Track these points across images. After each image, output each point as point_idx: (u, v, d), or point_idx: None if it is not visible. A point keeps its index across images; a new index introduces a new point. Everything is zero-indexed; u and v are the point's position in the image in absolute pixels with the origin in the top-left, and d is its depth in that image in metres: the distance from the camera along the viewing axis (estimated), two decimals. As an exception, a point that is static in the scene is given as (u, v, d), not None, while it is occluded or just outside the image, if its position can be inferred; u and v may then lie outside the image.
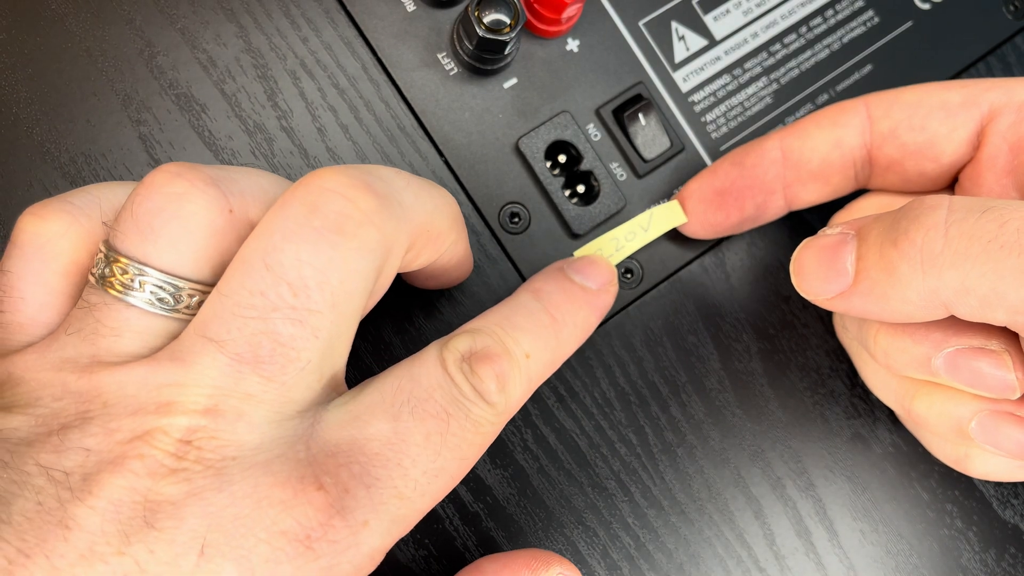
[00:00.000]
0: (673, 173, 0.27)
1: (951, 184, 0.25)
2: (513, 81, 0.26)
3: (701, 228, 0.26)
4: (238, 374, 0.16)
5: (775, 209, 0.25)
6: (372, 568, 0.17)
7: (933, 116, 0.24)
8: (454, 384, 0.18)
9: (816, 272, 0.22)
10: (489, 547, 0.25)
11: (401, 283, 0.25)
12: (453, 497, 0.25)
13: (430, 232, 0.20)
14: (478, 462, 0.25)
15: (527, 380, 0.20)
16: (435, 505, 0.18)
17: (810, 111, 0.28)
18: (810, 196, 0.25)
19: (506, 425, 0.25)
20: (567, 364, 0.26)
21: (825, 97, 0.29)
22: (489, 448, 0.25)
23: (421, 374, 0.18)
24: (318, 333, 0.17)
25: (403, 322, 0.25)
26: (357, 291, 0.17)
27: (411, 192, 0.19)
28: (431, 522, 0.25)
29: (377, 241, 0.17)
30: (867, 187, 0.26)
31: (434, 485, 0.18)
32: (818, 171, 0.25)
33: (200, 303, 0.17)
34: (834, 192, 0.25)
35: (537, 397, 0.26)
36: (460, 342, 0.19)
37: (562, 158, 0.27)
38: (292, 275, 0.16)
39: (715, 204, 0.25)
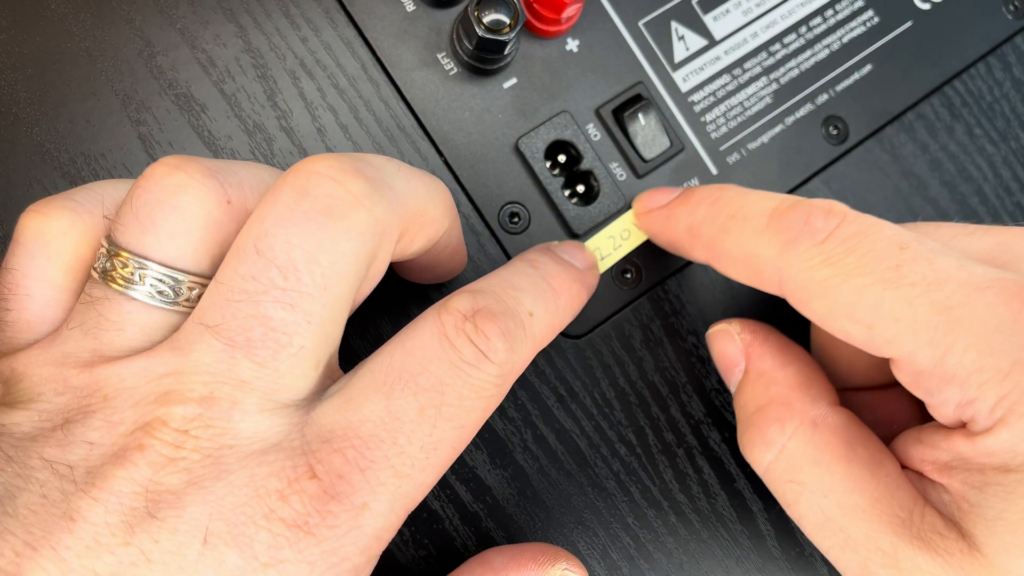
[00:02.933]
0: (673, 173, 0.27)
1: None
2: (513, 81, 0.26)
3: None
4: (231, 360, 0.16)
5: None
6: (382, 546, 0.17)
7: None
8: (453, 349, 0.18)
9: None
10: (488, 546, 0.25)
11: (397, 279, 0.25)
12: (453, 497, 0.25)
13: (423, 218, 0.20)
14: (478, 462, 0.25)
15: (532, 339, 0.19)
16: (440, 476, 0.18)
17: (810, 111, 0.28)
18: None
19: (506, 425, 0.25)
20: (567, 364, 0.26)
21: (825, 97, 0.29)
22: (489, 448, 0.25)
23: (415, 347, 0.18)
24: (310, 318, 0.17)
25: (401, 319, 0.25)
26: (348, 273, 0.17)
27: (402, 178, 0.19)
28: (431, 522, 0.25)
29: (367, 223, 0.17)
30: None
31: (434, 458, 0.18)
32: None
33: (200, 296, 0.18)
34: None
35: (537, 397, 0.26)
36: (461, 301, 0.18)
37: (562, 158, 0.27)
38: (282, 258, 0.16)
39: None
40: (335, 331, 0.18)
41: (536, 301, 0.20)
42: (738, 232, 0.22)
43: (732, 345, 0.24)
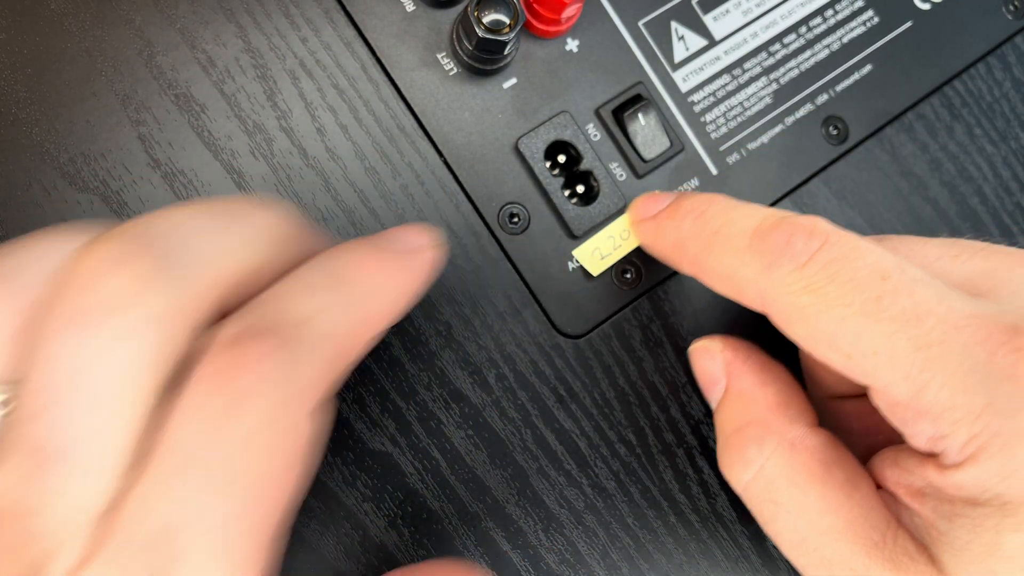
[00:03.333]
0: (673, 173, 0.27)
1: None
2: (512, 81, 0.26)
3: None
4: (28, 480, 0.14)
5: None
6: None
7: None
8: (200, 412, 0.15)
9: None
10: (488, 546, 0.25)
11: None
12: (452, 497, 0.25)
13: (250, 271, 0.17)
14: (478, 461, 0.25)
15: (318, 345, 0.16)
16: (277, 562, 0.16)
17: (810, 111, 0.28)
18: None
19: (505, 425, 0.25)
20: (566, 364, 0.26)
21: (824, 97, 0.29)
22: (488, 448, 0.25)
23: (178, 424, 0.15)
24: (91, 433, 0.15)
25: (402, 321, 0.25)
26: (133, 378, 0.15)
27: (212, 235, 0.17)
28: (431, 522, 0.25)
29: (150, 317, 0.15)
30: None
31: (246, 544, 0.15)
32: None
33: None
34: None
35: (536, 397, 0.26)
36: (225, 332, 0.16)
37: (561, 158, 0.27)
38: (48, 376, 0.15)
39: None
40: (129, 437, 0.15)
41: (315, 299, 0.17)
42: (721, 250, 0.21)
43: (713, 363, 0.24)
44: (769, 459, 0.22)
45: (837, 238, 0.20)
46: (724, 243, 0.21)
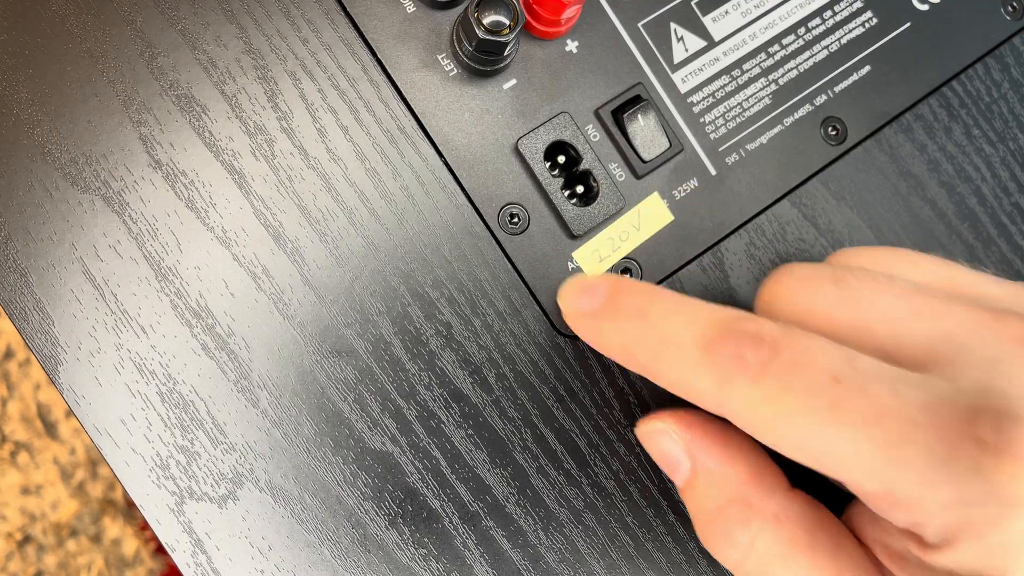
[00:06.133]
0: (672, 173, 0.27)
1: None
2: (512, 82, 0.26)
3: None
4: None
5: None
6: None
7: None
8: None
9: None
10: (489, 545, 0.25)
11: (394, 281, 0.25)
12: (453, 496, 0.25)
13: None
14: (478, 461, 0.25)
15: None
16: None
17: (808, 112, 0.28)
18: None
19: (505, 425, 0.26)
20: (566, 364, 0.26)
21: (823, 98, 0.29)
22: (489, 447, 0.25)
23: None
24: None
25: (403, 321, 0.25)
26: None
27: None
28: (431, 521, 0.25)
29: None
30: None
31: None
32: None
33: None
34: None
35: (536, 397, 0.26)
36: None
37: (561, 159, 0.27)
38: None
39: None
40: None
41: None
42: (671, 361, 0.21)
43: (671, 444, 0.24)
44: (757, 537, 0.22)
45: (786, 342, 0.20)
46: (674, 354, 0.21)
